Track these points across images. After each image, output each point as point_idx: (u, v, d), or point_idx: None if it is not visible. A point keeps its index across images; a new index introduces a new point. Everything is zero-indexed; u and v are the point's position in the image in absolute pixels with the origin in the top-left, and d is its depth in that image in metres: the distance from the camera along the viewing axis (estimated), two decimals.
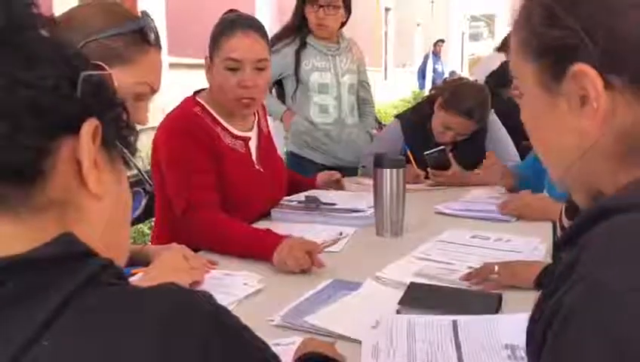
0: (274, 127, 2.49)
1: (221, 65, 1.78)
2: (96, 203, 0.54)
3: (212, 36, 1.81)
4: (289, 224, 1.88)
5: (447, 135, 2.54)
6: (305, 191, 2.15)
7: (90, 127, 0.53)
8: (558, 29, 0.61)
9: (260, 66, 1.79)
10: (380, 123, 3.72)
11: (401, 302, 1.21)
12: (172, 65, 6.17)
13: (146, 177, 0.71)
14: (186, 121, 1.79)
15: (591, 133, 0.61)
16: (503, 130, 2.62)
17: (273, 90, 2.86)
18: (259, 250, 1.52)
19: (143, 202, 0.70)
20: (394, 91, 16.47)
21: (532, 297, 0.62)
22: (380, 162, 1.77)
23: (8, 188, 0.49)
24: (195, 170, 1.73)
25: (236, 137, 1.88)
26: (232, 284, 1.37)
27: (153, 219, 2.02)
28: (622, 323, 0.47)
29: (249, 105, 1.83)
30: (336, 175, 2.36)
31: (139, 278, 1.27)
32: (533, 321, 0.59)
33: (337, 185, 2.33)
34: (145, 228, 3.84)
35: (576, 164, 0.64)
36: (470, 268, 1.43)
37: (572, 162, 0.64)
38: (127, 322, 0.46)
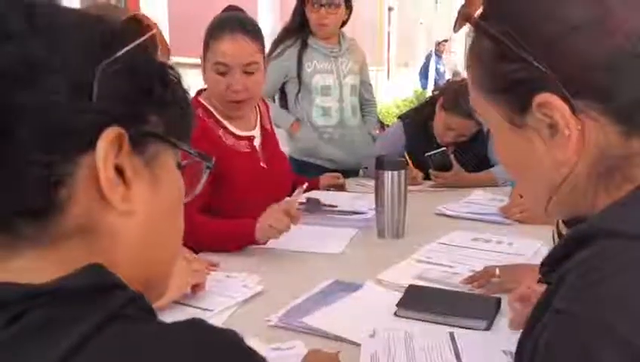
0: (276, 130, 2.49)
1: (211, 69, 1.78)
2: (127, 220, 0.49)
3: (204, 37, 1.80)
4: (292, 226, 1.87)
5: (449, 136, 2.53)
6: (307, 192, 2.15)
7: (107, 140, 0.46)
8: (511, 64, 0.59)
9: (249, 70, 1.76)
10: (382, 123, 3.70)
11: (399, 304, 1.21)
12: (174, 65, 6.16)
13: (203, 155, 0.60)
14: None
15: (567, 161, 0.60)
16: None
17: (276, 98, 2.83)
18: (242, 235, 1.60)
19: (204, 178, 0.62)
20: (396, 91, 16.44)
21: None
22: (381, 164, 1.77)
23: (21, 224, 0.45)
24: None
25: (240, 138, 1.88)
26: (232, 286, 1.36)
27: None
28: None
29: (239, 107, 1.83)
30: (340, 179, 2.36)
31: None
32: (521, 344, 0.59)
33: (340, 188, 2.33)
34: None
35: (556, 194, 0.63)
36: (472, 271, 1.43)
37: (552, 193, 0.63)
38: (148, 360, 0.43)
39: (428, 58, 15.29)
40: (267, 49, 2.75)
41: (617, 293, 0.49)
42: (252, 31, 1.79)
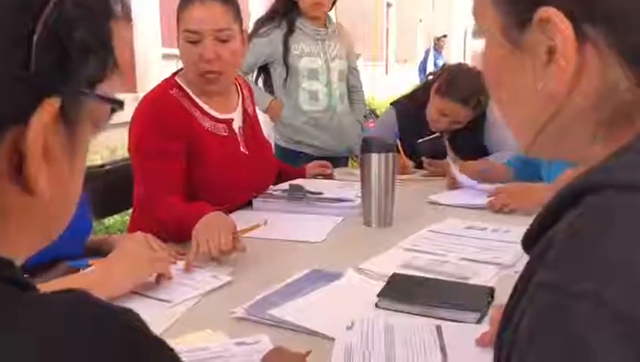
0: (261, 115, 2.37)
1: (182, 39, 1.66)
2: (36, 199, 0.42)
3: (176, 13, 1.69)
4: (272, 213, 1.76)
5: (442, 122, 2.40)
6: (293, 181, 2.03)
7: (47, 113, 0.39)
8: None
9: (221, 37, 1.64)
10: (377, 116, 3.60)
11: (380, 295, 1.08)
12: (165, 56, 6.06)
13: (119, 101, 0.50)
14: (158, 105, 1.66)
15: (558, 95, 0.49)
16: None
17: (260, 82, 2.73)
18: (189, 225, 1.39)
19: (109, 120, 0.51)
20: (395, 87, 16.36)
21: None
22: (367, 146, 1.65)
23: None
24: (158, 159, 1.61)
25: (217, 120, 1.76)
26: (199, 277, 1.24)
27: None
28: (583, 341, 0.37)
29: (214, 80, 1.69)
30: (328, 168, 2.25)
31: (93, 270, 1.15)
32: (500, 335, 0.50)
33: (328, 177, 2.23)
34: (128, 218, 3.73)
35: (544, 130, 0.52)
36: (463, 259, 1.31)
37: (539, 127, 0.52)
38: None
39: (427, 54, 15.22)
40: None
41: (604, 258, 0.39)
42: None
